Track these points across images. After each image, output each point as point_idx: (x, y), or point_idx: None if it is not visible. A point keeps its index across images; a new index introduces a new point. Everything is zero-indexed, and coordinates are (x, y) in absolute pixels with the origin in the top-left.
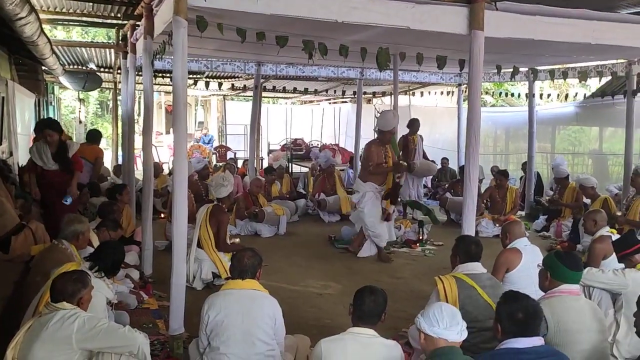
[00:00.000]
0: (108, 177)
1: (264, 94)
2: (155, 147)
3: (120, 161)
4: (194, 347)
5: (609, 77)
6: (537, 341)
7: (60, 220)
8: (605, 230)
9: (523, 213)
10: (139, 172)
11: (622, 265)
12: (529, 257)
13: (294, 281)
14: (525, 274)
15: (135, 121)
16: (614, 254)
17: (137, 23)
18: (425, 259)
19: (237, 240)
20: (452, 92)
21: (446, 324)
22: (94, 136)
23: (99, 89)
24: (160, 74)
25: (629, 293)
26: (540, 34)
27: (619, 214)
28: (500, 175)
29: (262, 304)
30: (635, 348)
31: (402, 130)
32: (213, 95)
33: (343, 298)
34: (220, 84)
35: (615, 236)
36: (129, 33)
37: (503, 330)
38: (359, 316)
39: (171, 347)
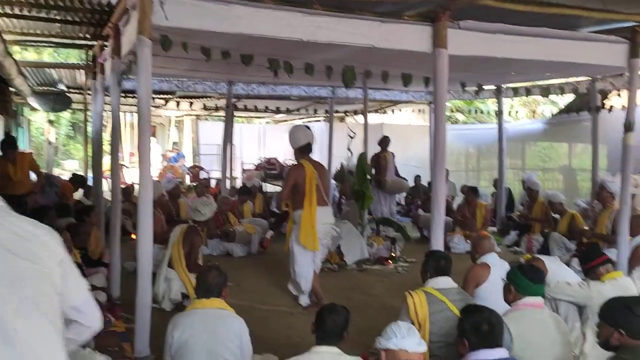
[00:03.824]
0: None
1: (237, 113)
2: (128, 168)
3: (90, 182)
4: None
5: (575, 94)
6: (502, 353)
7: None
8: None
9: (495, 229)
10: (107, 193)
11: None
12: (498, 272)
13: (266, 300)
14: (495, 288)
15: (107, 142)
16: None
17: (105, 43)
18: (397, 276)
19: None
20: (423, 109)
21: (403, 334)
22: (11, 141)
23: (71, 111)
24: (131, 95)
25: (594, 305)
26: (503, 52)
27: (586, 228)
28: (470, 191)
29: (228, 323)
30: None
31: (373, 148)
32: (186, 115)
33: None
34: (191, 104)
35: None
36: (97, 53)
37: (470, 344)
38: (321, 336)
39: None
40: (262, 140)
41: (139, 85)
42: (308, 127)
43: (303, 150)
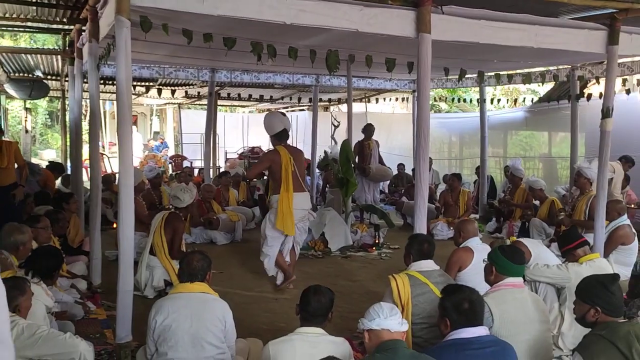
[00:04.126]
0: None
1: (220, 102)
2: (109, 157)
3: (69, 171)
4: (142, 355)
5: (556, 83)
6: (482, 331)
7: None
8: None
9: (477, 216)
10: (87, 182)
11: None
12: (481, 256)
13: (249, 287)
14: (477, 272)
15: (85, 131)
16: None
17: (83, 27)
18: (381, 262)
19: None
20: (407, 98)
21: (386, 314)
22: None
23: (48, 99)
24: (111, 82)
25: (572, 286)
26: (485, 38)
27: (563, 214)
28: (454, 177)
29: (212, 307)
30: (578, 339)
31: (357, 137)
32: (168, 104)
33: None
34: (173, 92)
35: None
36: (75, 38)
37: (452, 323)
38: (305, 317)
39: (118, 356)
40: (246, 129)
41: (118, 68)
42: (283, 114)
43: (279, 137)
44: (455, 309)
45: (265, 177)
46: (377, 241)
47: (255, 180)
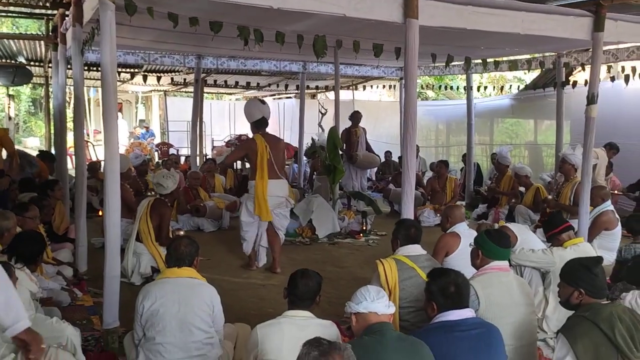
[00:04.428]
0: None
1: (206, 89)
2: (94, 145)
3: None
4: (129, 340)
5: (542, 70)
6: (468, 313)
7: None
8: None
9: (464, 203)
10: (72, 170)
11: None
12: (468, 241)
13: (237, 274)
14: (464, 257)
15: (70, 119)
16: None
17: (67, 12)
18: (368, 249)
19: (182, 232)
20: (394, 86)
21: (373, 297)
22: None
23: (31, 86)
24: (95, 68)
25: (556, 270)
26: (472, 24)
27: (549, 197)
28: (441, 164)
29: (200, 292)
30: (562, 322)
31: (345, 124)
32: (153, 91)
33: None
34: (159, 78)
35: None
36: (58, 23)
37: (438, 306)
38: (293, 300)
39: (105, 342)
40: (232, 117)
41: (103, 51)
42: (263, 102)
43: (257, 125)
44: (441, 293)
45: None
46: (364, 228)
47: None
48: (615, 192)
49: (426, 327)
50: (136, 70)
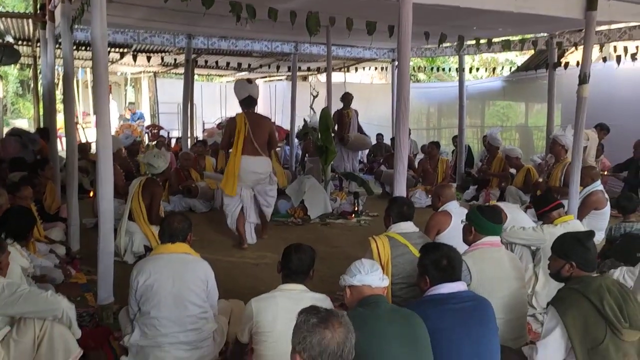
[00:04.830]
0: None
1: (197, 71)
2: (83, 127)
3: None
4: (124, 314)
5: (533, 52)
6: (461, 286)
7: None
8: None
9: (454, 185)
10: (62, 152)
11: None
12: (459, 219)
13: (230, 253)
14: (456, 235)
15: (59, 100)
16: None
17: None
18: (360, 229)
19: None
20: (386, 67)
21: (367, 270)
22: None
23: (18, 67)
24: (84, 47)
25: (546, 247)
26: (465, 2)
27: (540, 180)
28: (432, 145)
29: (194, 267)
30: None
31: (337, 106)
32: (143, 72)
33: None
34: (149, 58)
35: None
36: (47, 0)
37: (431, 280)
38: (287, 274)
39: (100, 317)
40: (223, 100)
41: (94, 25)
42: (250, 81)
43: (244, 103)
44: (434, 266)
45: None
46: (356, 209)
47: None
48: (605, 173)
49: (419, 300)
50: (125, 50)
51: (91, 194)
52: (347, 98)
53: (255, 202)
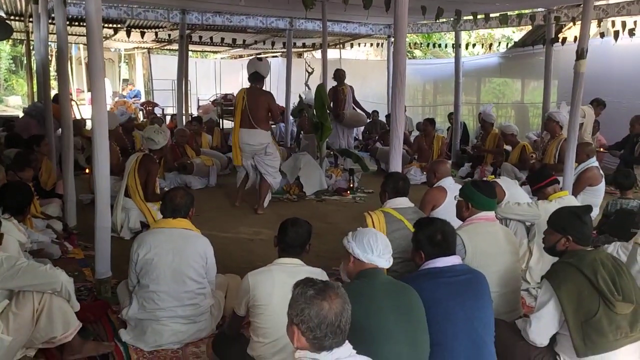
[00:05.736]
0: None
1: (191, 47)
2: (77, 104)
3: None
4: (124, 287)
5: (530, 27)
6: (455, 260)
7: None
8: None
9: (450, 162)
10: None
11: None
12: (454, 194)
13: (226, 229)
14: (451, 210)
15: (53, 77)
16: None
17: None
18: (355, 205)
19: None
20: (382, 44)
21: (380, 252)
22: None
23: (11, 43)
24: (77, 23)
25: (541, 223)
26: None
27: (534, 159)
28: (427, 122)
29: (194, 243)
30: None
31: (332, 83)
32: (137, 48)
33: None
34: (142, 34)
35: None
36: None
37: (426, 254)
38: (283, 248)
39: (98, 291)
40: (218, 76)
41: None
42: (261, 59)
43: (251, 79)
44: (428, 241)
45: None
46: (351, 185)
47: None
48: (601, 149)
49: (414, 273)
50: (119, 25)
51: (87, 170)
52: (339, 74)
53: (258, 171)
